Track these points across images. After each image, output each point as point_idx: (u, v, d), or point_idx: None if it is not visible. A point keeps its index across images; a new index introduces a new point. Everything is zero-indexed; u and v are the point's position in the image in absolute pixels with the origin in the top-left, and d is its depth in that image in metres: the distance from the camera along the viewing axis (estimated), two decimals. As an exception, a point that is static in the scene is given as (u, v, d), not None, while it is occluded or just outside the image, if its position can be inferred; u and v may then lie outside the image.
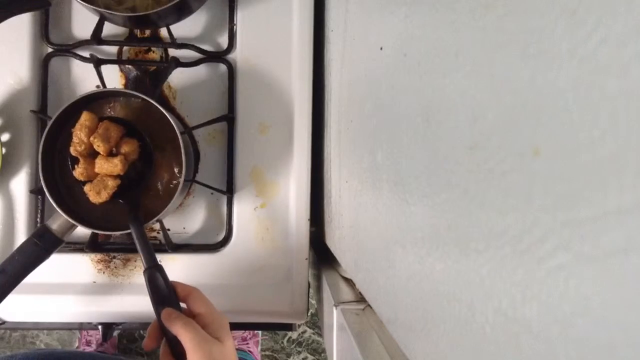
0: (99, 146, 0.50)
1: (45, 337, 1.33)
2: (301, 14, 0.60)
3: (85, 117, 0.50)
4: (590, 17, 0.15)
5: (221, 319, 0.46)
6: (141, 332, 1.39)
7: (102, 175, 0.51)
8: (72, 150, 0.51)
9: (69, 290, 0.60)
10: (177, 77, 0.61)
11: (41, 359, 0.56)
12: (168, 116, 0.52)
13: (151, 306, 0.47)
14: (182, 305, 0.48)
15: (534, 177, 0.18)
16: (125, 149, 0.52)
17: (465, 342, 0.24)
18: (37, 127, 0.59)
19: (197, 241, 0.62)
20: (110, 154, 0.52)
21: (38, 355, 0.56)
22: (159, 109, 0.52)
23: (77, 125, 0.50)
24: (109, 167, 0.50)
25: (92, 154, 0.52)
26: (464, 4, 0.23)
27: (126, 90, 0.53)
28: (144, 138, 0.54)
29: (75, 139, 0.51)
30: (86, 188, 0.51)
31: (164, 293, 0.47)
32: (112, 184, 0.51)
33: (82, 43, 0.58)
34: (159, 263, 0.48)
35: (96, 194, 0.51)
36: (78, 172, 0.51)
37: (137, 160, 0.53)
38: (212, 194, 0.61)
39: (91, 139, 0.50)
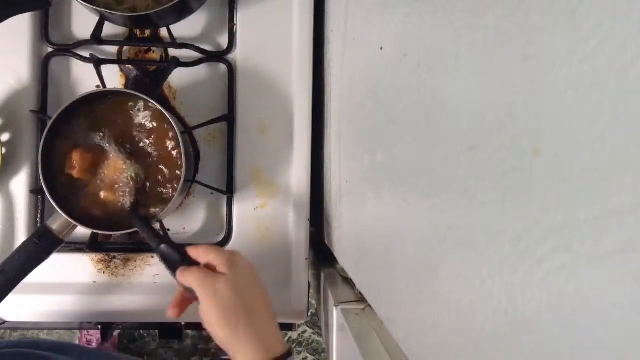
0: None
1: (45, 336, 1.33)
2: (301, 14, 0.60)
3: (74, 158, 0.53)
4: (590, 17, 0.15)
5: (229, 255, 0.47)
6: (141, 332, 1.39)
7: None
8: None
9: (69, 290, 0.60)
10: (177, 77, 0.60)
11: (49, 348, 0.55)
12: (168, 116, 0.52)
13: (151, 305, 0.47)
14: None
15: (534, 177, 0.18)
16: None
17: (466, 342, 0.24)
18: (37, 127, 0.59)
19: (197, 241, 0.62)
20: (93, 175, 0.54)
21: (49, 344, 0.56)
22: (159, 109, 0.52)
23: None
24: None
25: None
26: (464, 4, 0.23)
27: (126, 90, 0.53)
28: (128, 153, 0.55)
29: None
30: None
31: (178, 259, 0.48)
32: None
33: (82, 43, 0.58)
34: (164, 236, 0.49)
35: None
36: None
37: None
38: (212, 194, 0.61)
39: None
